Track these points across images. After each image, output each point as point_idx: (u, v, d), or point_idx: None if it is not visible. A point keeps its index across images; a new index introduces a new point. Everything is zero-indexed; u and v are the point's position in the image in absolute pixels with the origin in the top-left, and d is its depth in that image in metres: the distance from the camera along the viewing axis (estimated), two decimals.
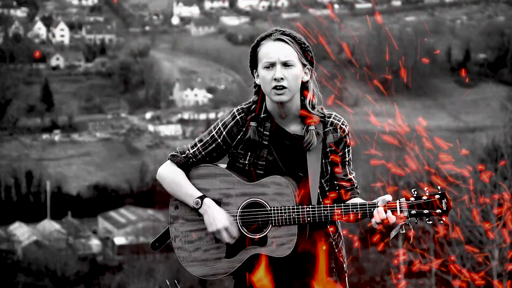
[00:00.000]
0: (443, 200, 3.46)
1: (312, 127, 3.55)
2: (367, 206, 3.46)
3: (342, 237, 3.70)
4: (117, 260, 50.21)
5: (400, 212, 3.44)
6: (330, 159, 3.59)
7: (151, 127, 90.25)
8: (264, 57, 3.48)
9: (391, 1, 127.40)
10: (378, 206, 3.44)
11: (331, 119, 3.62)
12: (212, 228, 3.48)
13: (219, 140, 3.57)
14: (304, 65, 3.54)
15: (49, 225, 58.44)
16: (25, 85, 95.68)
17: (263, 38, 3.53)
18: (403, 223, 3.44)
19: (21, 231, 55.41)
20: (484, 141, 34.11)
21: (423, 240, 29.29)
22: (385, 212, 3.44)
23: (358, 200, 3.57)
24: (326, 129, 3.60)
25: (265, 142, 3.53)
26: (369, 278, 34.31)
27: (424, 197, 3.46)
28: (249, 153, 3.54)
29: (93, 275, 45.68)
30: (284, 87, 3.46)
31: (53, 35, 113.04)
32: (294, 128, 3.57)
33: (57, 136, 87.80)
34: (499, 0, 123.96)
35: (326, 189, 3.58)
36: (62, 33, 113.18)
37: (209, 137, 3.59)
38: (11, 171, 70.38)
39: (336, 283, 3.60)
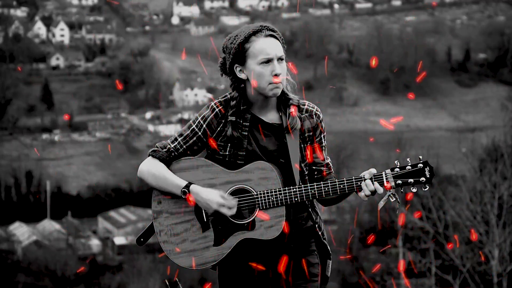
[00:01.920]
0: (426, 169, 3.55)
1: (292, 110, 3.63)
2: (353, 180, 3.55)
3: (322, 220, 3.78)
4: (117, 260, 50.22)
5: (387, 183, 3.52)
6: (308, 144, 3.67)
7: (151, 127, 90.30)
8: (260, 53, 3.58)
9: (391, 1, 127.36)
10: (365, 179, 3.53)
11: (305, 106, 3.71)
12: (209, 211, 3.54)
13: (200, 133, 3.63)
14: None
15: (49, 225, 58.45)
16: (25, 85, 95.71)
17: (251, 34, 3.64)
18: (390, 193, 3.53)
19: (21, 231, 55.42)
20: (484, 141, 34.11)
21: (423, 240, 29.30)
22: (373, 184, 3.53)
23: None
24: (302, 115, 3.68)
25: (244, 133, 3.61)
26: (369, 278, 34.31)
27: (408, 167, 3.55)
28: (229, 145, 3.62)
29: (93, 275, 45.68)
30: (279, 81, 3.58)
31: (53, 35, 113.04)
32: (272, 116, 3.66)
33: (57, 136, 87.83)
34: (499, 0, 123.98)
35: (306, 173, 3.67)
36: (62, 33, 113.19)
37: (189, 130, 3.65)
38: (11, 171, 70.41)
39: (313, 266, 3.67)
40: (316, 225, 3.69)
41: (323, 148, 3.74)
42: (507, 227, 25.78)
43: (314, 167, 3.70)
